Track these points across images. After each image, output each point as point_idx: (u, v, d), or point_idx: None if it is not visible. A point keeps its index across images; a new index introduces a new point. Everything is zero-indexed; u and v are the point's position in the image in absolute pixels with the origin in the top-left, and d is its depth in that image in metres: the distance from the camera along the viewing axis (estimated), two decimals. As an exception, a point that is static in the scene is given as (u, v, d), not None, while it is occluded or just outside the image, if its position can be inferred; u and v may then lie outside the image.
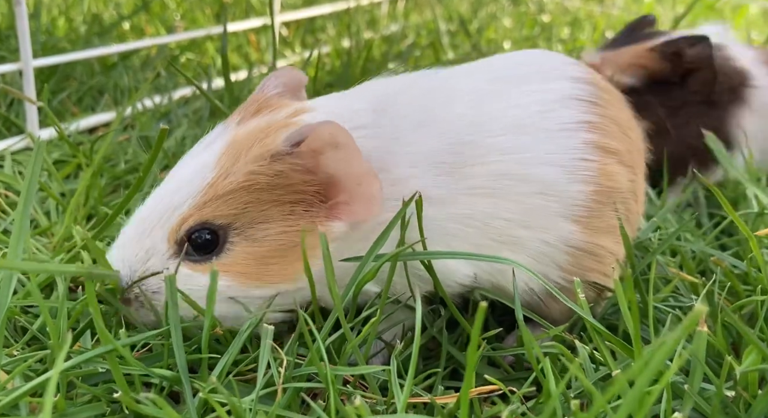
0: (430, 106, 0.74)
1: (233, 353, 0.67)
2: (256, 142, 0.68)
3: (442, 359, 0.75)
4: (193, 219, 0.68)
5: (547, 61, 0.84)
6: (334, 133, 0.64)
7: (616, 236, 0.77)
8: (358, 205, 0.67)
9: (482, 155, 0.72)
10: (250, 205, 0.67)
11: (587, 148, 0.75)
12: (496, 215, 0.72)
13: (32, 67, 1.26)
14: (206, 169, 0.69)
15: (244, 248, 0.68)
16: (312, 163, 0.66)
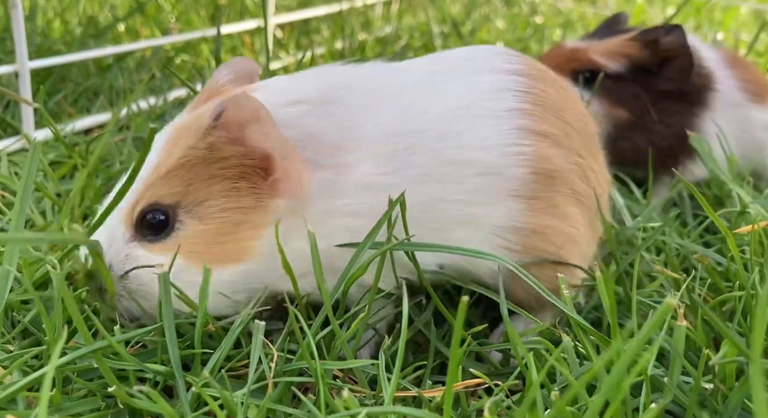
0: (375, 96, 0.76)
1: (226, 348, 0.69)
2: (195, 122, 0.71)
3: (431, 353, 0.76)
4: (144, 201, 0.70)
5: (484, 54, 0.85)
6: (252, 105, 0.65)
7: (562, 216, 0.79)
8: (289, 182, 0.68)
9: (422, 143, 0.74)
10: (193, 183, 0.69)
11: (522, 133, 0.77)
12: (445, 198, 0.74)
13: (28, 69, 1.27)
14: (154, 153, 0.71)
15: (193, 227, 0.70)
16: (238, 134, 0.67)
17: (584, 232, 0.80)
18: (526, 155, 0.75)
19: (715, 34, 2.18)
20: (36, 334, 0.76)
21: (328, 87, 0.74)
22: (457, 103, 0.76)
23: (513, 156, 0.75)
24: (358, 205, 0.70)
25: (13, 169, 1.20)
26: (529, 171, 0.75)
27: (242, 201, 0.69)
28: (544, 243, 0.77)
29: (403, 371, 0.73)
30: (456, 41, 2.38)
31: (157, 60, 1.81)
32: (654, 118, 1.22)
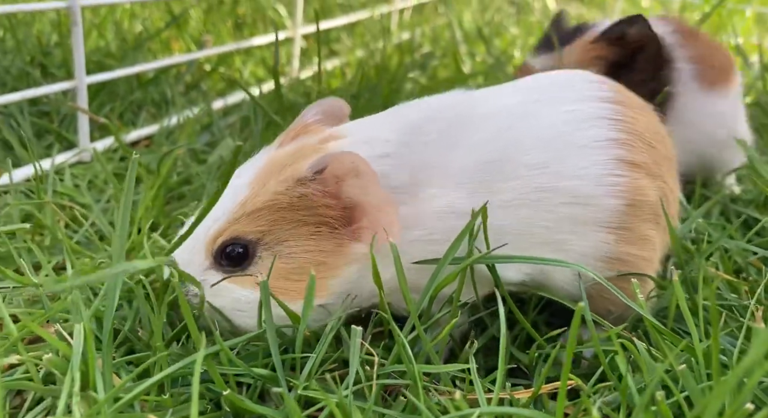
0: (461, 128, 0.79)
1: (321, 352, 0.73)
2: (287, 165, 0.75)
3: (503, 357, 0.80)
4: (227, 234, 0.75)
5: (574, 81, 0.88)
6: (354, 162, 0.70)
7: (644, 243, 0.82)
8: (379, 231, 0.72)
9: (511, 171, 0.77)
10: (276, 224, 0.74)
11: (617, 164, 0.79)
12: (533, 223, 0.77)
13: (86, 84, 1.31)
14: (242, 188, 0.76)
15: (270, 262, 0.74)
16: (334, 189, 0.72)
17: (658, 250, 0.85)
18: (621, 186, 0.78)
19: (736, 39, 2.22)
20: (133, 342, 0.80)
21: (409, 133, 0.77)
22: (551, 132, 0.79)
23: (608, 187, 0.78)
24: (440, 232, 0.74)
25: (74, 181, 1.24)
26: (622, 203, 0.78)
27: (322, 245, 0.73)
28: (625, 267, 0.81)
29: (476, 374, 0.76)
30: (479, 48, 2.42)
31: (193, 72, 1.86)
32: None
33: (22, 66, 1.62)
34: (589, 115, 0.81)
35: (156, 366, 0.71)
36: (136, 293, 0.73)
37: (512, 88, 0.88)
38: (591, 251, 0.80)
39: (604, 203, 0.78)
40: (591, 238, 0.79)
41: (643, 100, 0.91)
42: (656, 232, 0.84)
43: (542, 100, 0.83)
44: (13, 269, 0.93)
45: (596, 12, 3.54)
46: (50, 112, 1.49)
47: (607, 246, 0.80)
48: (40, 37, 1.88)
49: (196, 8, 2.40)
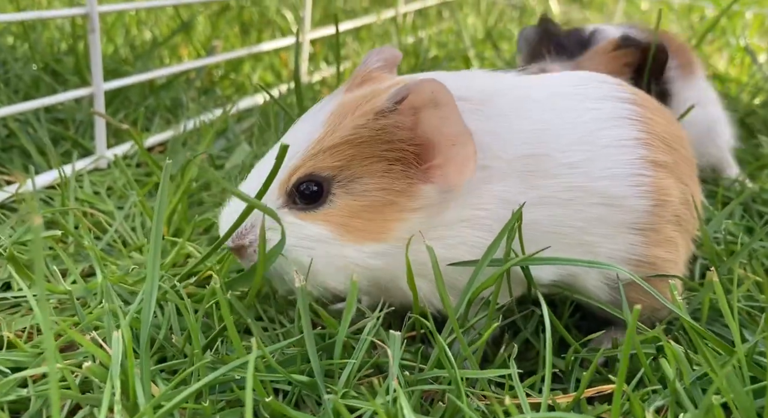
0: (518, 107, 0.78)
1: (359, 357, 0.73)
2: (363, 102, 0.74)
3: (541, 362, 0.80)
4: (302, 170, 0.74)
5: (593, 81, 0.88)
6: (435, 91, 0.68)
7: (669, 245, 0.83)
8: (452, 168, 0.71)
9: (553, 168, 0.77)
10: (354, 159, 0.73)
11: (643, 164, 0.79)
12: (564, 222, 0.77)
13: (103, 91, 1.31)
14: (316, 127, 0.75)
15: (345, 201, 0.74)
16: (412, 120, 0.70)
17: (682, 253, 0.85)
18: (647, 186, 0.78)
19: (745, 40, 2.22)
20: (166, 349, 0.80)
21: (485, 96, 0.76)
22: (582, 130, 0.78)
23: (635, 187, 0.78)
24: (492, 221, 0.73)
25: (93, 188, 1.24)
26: (649, 203, 0.78)
27: (395, 183, 0.72)
28: (651, 270, 0.81)
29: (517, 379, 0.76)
30: (488, 51, 2.43)
31: (202, 78, 1.86)
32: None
33: (36, 73, 1.62)
34: (613, 114, 0.81)
35: (194, 374, 0.71)
36: (172, 299, 0.73)
37: (543, 81, 0.87)
38: (620, 253, 0.79)
39: (632, 204, 0.78)
40: (620, 240, 0.79)
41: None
42: (679, 234, 0.84)
43: (570, 96, 0.82)
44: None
45: (596, 14, 3.55)
46: (65, 119, 1.49)
47: (635, 248, 0.80)
48: (51, 44, 1.87)
49: (202, 14, 2.39)
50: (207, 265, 0.89)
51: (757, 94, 1.89)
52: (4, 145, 1.36)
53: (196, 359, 0.71)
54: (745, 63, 2.17)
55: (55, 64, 1.69)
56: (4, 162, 1.31)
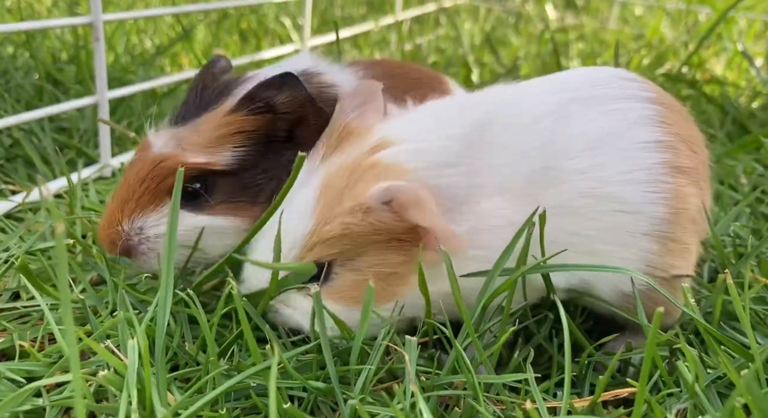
0: (511, 132, 0.78)
1: (374, 363, 0.73)
2: (347, 188, 0.75)
3: (555, 365, 0.80)
4: (306, 261, 0.77)
5: (613, 79, 0.84)
6: (416, 195, 0.71)
7: (686, 253, 0.82)
8: (438, 243, 0.73)
9: (560, 177, 0.76)
10: (350, 246, 0.76)
11: (664, 169, 0.78)
12: (578, 232, 0.77)
13: (107, 99, 1.31)
14: (306, 217, 0.76)
15: (349, 277, 0.77)
16: (400, 215, 0.73)
17: (694, 257, 0.84)
18: (668, 193, 0.76)
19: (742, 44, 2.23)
20: (179, 356, 0.79)
21: (467, 137, 0.76)
22: (596, 134, 0.77)
23: (655, 194, 0.76)
24: (496, 246, 0.73)
25: (99, 197, 1.23)
26: (668, 211, 0.77)
27: (393, 257, 0.75)
28: (665, 278, 0.80)
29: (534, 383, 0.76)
30: (487, 57, 2.44)
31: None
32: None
33: (38, 82, 1.62)
34: (635, 116, 0.79)
35: (209, 382, 0.70)
36: (190, 306, 0.72)
37: (547, 85, 0.85)
38: (634, 263, 0.78)
39: (650, 211, 0.77)
40: (635, 249, 0.78)
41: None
42: (694, 240, 0.84)
43: (581, 100, 0.80)
44: (50, 284, 0.92)
45: (592, 20, 3.57)
46: (69, 128, 1.49)
47: (650, 257, 0.79)
48: (52, 53, 1.87)
49: (202, 22, 2.40)
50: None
51: (755, 97, 1.91)
52: (8, 154, 1.36)
53: (212, 367, 0.71)
54: (743, 67, 2.19)
55: (57, 74, 1.69)
56: (8, 172, 1.31)
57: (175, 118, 0.90)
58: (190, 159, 0.84)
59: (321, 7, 3.10)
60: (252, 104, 0.84)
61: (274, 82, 0.84)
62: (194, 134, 0.86)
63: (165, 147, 0.87)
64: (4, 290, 0.95)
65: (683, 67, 2.05)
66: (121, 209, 0.88)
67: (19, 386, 0.73)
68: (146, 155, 0.88)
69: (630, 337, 0.84)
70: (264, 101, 0.84)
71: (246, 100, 0.85)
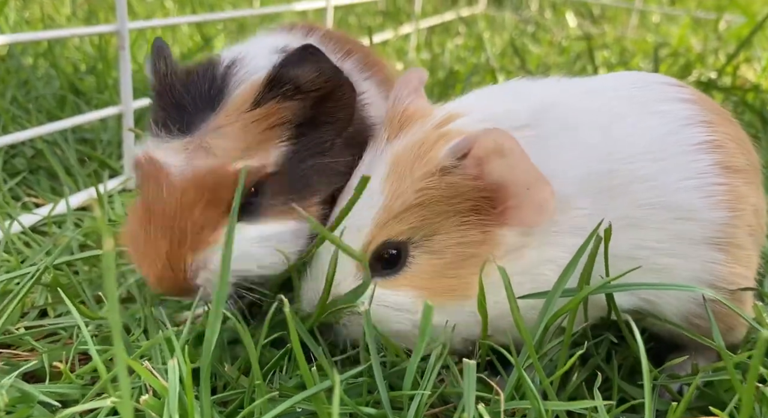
0: (576, 122, 0.73)
1: (428, 387, 0.68)
2: (418, 158, 0.70)
3: (615, 389, 0.76)
4: (377, 240, 0.70)
5: (652, 82, 0.82)
6: (499, 141, 0.65)
7: (747, 261, 0.78)
8: (528, 211, 0.67)
9: (621, 185, 0.71)
10: (426, 219, 0.69)
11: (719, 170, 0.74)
12: (641, 245, 0.72)
13: (132, 109, 1.28)
14: (373, 195, 0.70)
15: (425, 260, 0.70)
16: (478, 171, 0.67)
17: (755, 267, 0.80)
18: (724, 195, 0.73)
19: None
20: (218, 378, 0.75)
21: (538, 112, 0.72)
22: (647, 138, 0.73)
23: (710, 197, 0.72)
24: (571, 245, 0.69)
25: (124, 209, 1.20)
26: (726, 214, 0.73)
27: (471, 234, 0.68)
28: (729, 290, 0.75)
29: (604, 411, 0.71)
30: (511, 64, 2.40)
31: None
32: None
33: (60, 92, 1.59)
34: (681, 117, 0.75)
35: (257, 407, 0.66)
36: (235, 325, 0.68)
37: (588, 85, 0.81)
38: (697, 274, 0.74)
39: (709, 216, 0.73)
40: (698, 259, 0.74)
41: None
42: (753, 247, 0.79)
43: (628, 102, 0.77)
44: (79, 301, 0.89)
45: (611, 29, 3.53)
46: (92, 139, 1.46)
47: (714, 267, 0.74)
48: (73, 63, 1.85)
49: (222, 31, 2.38)
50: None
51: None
52: (31, 166, 1.33)
53: (258, 391, 0.66)
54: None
55: (78, 83, 1.66)
56: (31, 184, 1.28)
57: (177, 127, 0.74)
58: (237, 168, 0.70)
59: (337, 16, 3.08)
60: (281, 89, 0.73)
61: (295, 59, 0.73)
62: (221, 139, 0.72)
63: (193, 160, 0.72)
64: (32, 307, 0.91)
65: (715, 74, 2.01)
66: (177, 247, 0.71)
67: (51, 411, 0.69)
68: (172, 176, 0.71)
69: (694, 357, 0.79)
70: (292, 83, 0.73)
71: (271, 86, 0.73)
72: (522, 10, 3.85)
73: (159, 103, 0.77)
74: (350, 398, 0.68)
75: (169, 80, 0.77)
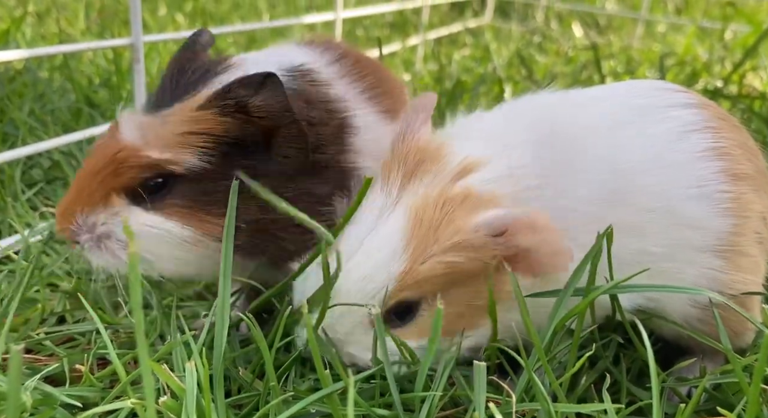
0: (576, 151, 0.74)
1: (439, 389, 0.69)
2: (443, 223, 0.69)
3: (623, 392, 0.77)
4: (394, 301, 0.71)
5: (655, 89, 0.83)
6: (533, 220, 0.67)
7: (753, 267, 0.79)
8: (542, 266, 0.69)
9: (627, 196, 0.73)
10: (447, 283, 0.70)
11: (724, 177, 0.75)
12: (645, 250, 0.73)
13: (147, 121, 1.30)
14: (396, 254, 0.70)
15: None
16: (508, 245, 0.68)
17: (762, 273, 0.80)
18: (729, 203, 0.73)
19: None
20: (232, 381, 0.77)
21: (542, 154, 0.73)
22: (652, 148, 0.74)
23: (716, 204, 0.73)
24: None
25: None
26: (731, 221, 0.74)
27: (485, 289, 0.70)
28: (734, 295, 0.76)
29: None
30: (518, 74, 2.42)
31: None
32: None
33: (75, 104, 1.62)
34: (686, 123, 0.76)
35: (272, 408, 0.67)
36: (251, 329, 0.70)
37: (592, 93, 0.83)
38: (700, 280, 0.75)
39: (713, 224, 0.74)
40: (700, 265, 0.75)
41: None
42: (760, 255, 0.80)
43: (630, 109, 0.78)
44: (97, 307, 0.91)
45: (617, 39, 3.55)
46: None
47: (716, 273, 0.75)
48: (87, 76, 1.89)
49: (233, 45, 2.41)
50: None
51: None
52: (48, 177, 1.35)
53: (273, 393, 0.68)
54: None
55: (93, 96, 1.69)
56: (48, 194, 1.31)
57: (148, 105, 0.80)
58: (152, 155, 0.75)
59: (345, 28, 3.12)
60: (223, 102, 0.74)
61: (252, 81, 0.73)
62: (161, 126, 0.76)
63: (129, 136, 0.77)
64: (51, 313, 0.93)
65: (721, 82, 2.02)
66: (76, 200, 0.79)
67: (72, 412, 0.71)
68: (109, 142, 0.79)
69: (705, 361, 0.80)
70: (236, 101, 0.74)
71: (218, 97, 0.74)
72: (528, 21, 3.88)
73: (160, 80, 0.82)
74: (364, 400, 0.70)
75: (176, 63, 0.82)
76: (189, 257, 0.79)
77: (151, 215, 0.78)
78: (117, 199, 0.78)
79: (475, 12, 3.86)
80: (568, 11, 3.87)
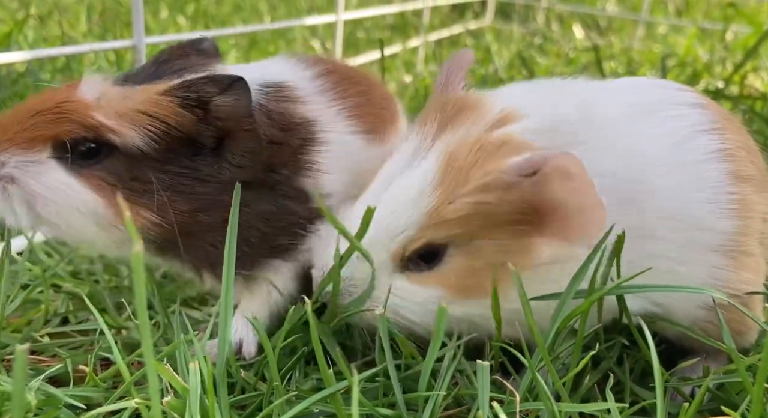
0: (600, 133, 0.73)
1: (442, 388, 0.69)
2: (476, 165, 0.68)
3: (627, 391, 0.77)
4: (420, 242, 0.70)
5: (662, 87, 0.82)
6: (567, 165, 0.64)
7: (755, 267, 0.79)
8: (574, 228, 0.66)
9: (639, 194, 0.72)
10: (473, 226, 0.69)
11: (730, 179, 0.74)
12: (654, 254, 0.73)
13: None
14: (425, 193, 0.69)
15: (461, 261, 0.70)
16: (538, 189, 0.66)
17: (763, 273, 0.80)
18: (735, 204, 0.73)
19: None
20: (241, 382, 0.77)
21: (584, 118, 0.72)
22: (661, 146, 0.74)
23: (722, 206, 0.73)
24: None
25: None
26: (736, 223, 0.73)
27: (512, 243, 0.68)
28: (738, 295, 0.76)
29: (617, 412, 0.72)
30: (520, 75, 2.42)
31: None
32: (194, 232, 0.77)
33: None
34: (692, 123, 0.76)
35: (275, 408, 0.67)
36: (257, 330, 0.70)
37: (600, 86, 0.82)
38: (705, 279, 0.74)
39: (719, 225, 0.74)
40: (705, 266, 0.75)
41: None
42: (762, 254, 0.80)
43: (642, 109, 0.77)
44: (100, 308, 0.91)
45: (618, 40, 3.55)
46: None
47: (722, 273, 0.75)
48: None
49: (234, 47, 2.42)
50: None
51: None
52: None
53: (277, 393, 0.68)
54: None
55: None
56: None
57: (119, 78, 0.78)
58: (97, 117, 0.72)
59: (347, 30, 3.12)
60: (185, 93, 0.73)
61: (219, 81, 0.73)
62: (121, 99, 0.74)
63: (85, 93, 0.74)
64: (54, 314, 0.93)
65: (722, 83, 2.02)
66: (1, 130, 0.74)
67: (76, 413, 0.71)
68: (62, 91, 0.75)
69: (705, 361, 0.80)
70: (199, 95, 0.72)
71: (181, 88, 0.73)
72: (529, 22, 3.88)
73: (144, 63, 0.82)
74: (367, 399, 0.70)
75: (165, 53, 0.82)
76: (106, 239, 0.76)
77: (68, 176, 0.74)
78: (42, 147, 0.74)
79: (476, 14, 3.86)
80: (569, 13, 3.88)
